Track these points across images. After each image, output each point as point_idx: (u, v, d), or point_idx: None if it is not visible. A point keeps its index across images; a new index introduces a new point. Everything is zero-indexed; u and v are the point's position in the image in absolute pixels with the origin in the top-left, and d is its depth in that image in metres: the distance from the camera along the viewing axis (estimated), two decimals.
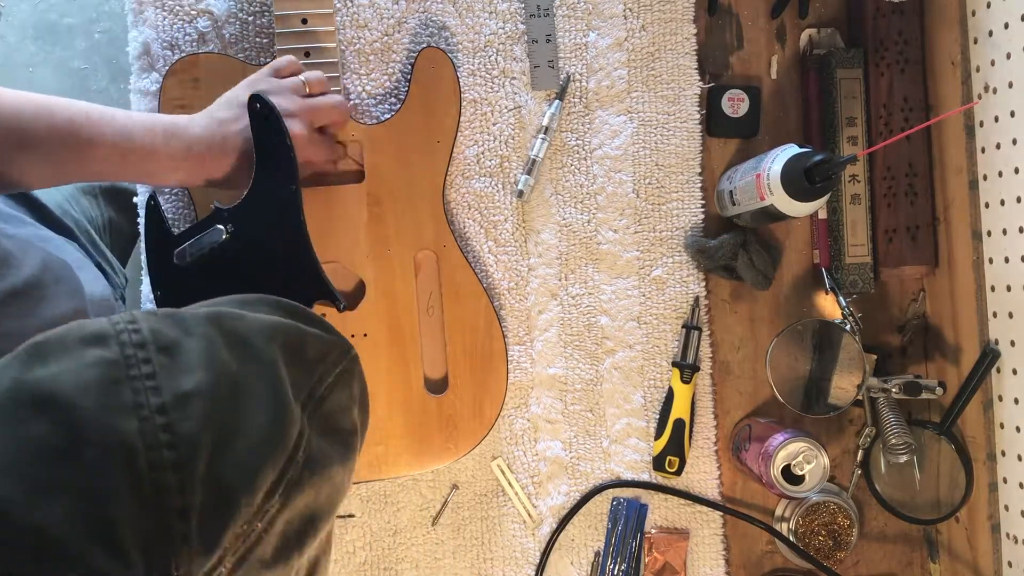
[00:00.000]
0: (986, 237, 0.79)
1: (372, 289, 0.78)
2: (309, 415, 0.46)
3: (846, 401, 0.79)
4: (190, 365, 0.40)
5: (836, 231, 0.84)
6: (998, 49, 0.76)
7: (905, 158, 0.83)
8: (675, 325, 0.84)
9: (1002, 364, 0.78)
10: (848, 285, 0.83)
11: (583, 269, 0.84)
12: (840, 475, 0.85)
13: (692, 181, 0.85)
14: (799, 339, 0.81)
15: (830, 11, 0.86)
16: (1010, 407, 0.78)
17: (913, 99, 0.83)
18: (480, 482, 0.83)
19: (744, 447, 0.81)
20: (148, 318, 0.41)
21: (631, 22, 0.85)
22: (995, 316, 0.79)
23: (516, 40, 0.84)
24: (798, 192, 0.70)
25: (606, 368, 0.84)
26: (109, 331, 0.40)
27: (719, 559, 0.84)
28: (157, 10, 0.81)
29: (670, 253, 0.84)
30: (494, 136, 0.84)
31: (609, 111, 0.84)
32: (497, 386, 0.80)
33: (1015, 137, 0.74)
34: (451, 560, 0.83)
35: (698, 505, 0.84)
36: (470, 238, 0.84)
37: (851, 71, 0.83)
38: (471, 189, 0.84)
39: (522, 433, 0.83)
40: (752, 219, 0.79)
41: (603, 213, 0.84)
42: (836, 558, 0.82)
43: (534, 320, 0.84)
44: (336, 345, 0.51)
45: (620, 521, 0.83)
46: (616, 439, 0.84)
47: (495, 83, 0.84)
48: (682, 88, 0.85)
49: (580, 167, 0.84)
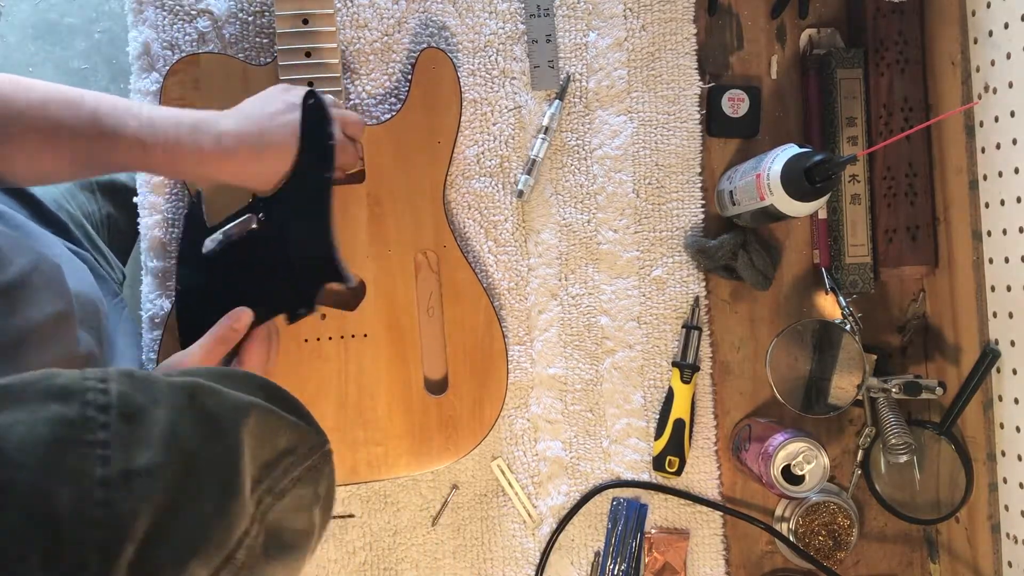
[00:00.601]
0: (986, 237, 0.79)
1: (372, 289, 0.78)
2: (264, 510, 0.43)
3: (846, 401, 0.79)
4: (149, 439, 0.37)
5: (836, 231, 0.84)
6: (998, 49, 0.76)
7: (905, 158, 0.83)
8: (675, 325, 0.84)
9: (1002, 364, 0.78)
10: (848, 285, 0.83)
11: (583, 269, 0.84)
12: (840, 475, 0.85)
13: (692, 181, 0.85)
14: (799, 339, 0.81)
15: (830, 11, 0.86)
16: (1010, 407, 0.78)
17: (913, 99, 0.83)
18: (480, 482, 0.83)
19: (744, 447, 0.81)
20: (121, 379, 0.39)
21: (631, 22, 0.85)
22: (995, 316, 0.79)
23: (516, 40, 0.84)
24: (798, 192, 0.70)
25: (606, 368, 0.84)
26: (76, 387, 0.37)
27: (719, 559, 0.84)
28: (157, 10, 0.81)
29: (670, 253, 0.84)
30: (494, 136, 0.84)
31: (609, 111, 0.84)
32: (497, 386, 0.80)
33: (1015, 137, 0.74)
34: (451, 560, 0.83)
35: (698, 505, 0.84)
36: (470, 238, 0.84)
37: (851, 71, 0.83)
38: (471, 189, 0.84)
39: (522, 433, 0.83)
40: (752, 219, 0.79)
41: (603, 213, 0.84)
42: (836, 558, 0.82)
43: (534, 320, 0.84)
44: (310, 438, 0.48)
45: (620, 521, 0.83)
46: (616, 439, 0.84)
47: (495, 83, 0.84)
48: (682, 88, 0.85)
49: (580, 167, 0.84)
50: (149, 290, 0.81)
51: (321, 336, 0.78)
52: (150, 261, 0.81)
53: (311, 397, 0.77)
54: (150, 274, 0.81)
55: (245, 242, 0.70)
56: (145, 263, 0.81)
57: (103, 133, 0.62)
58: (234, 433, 0.41)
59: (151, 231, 0.81)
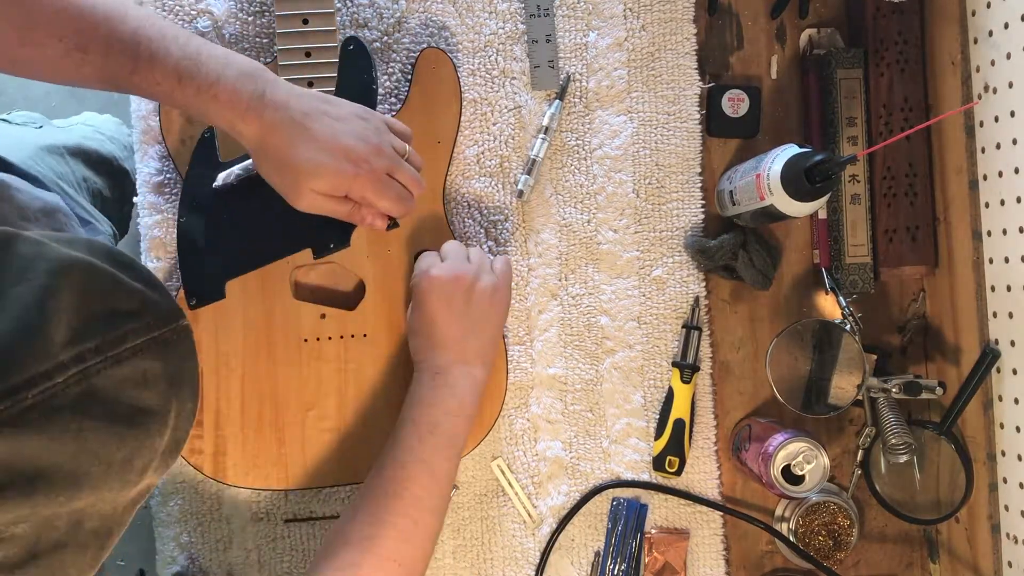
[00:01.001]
0: (986, 237, 0.79)
1: (372, 289, 0.78)
2: (90, 371, 0.42)
3: (846, 401, 0.79)
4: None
5: (836, 231, 0.84)
6: (998, 49, 0.76)
7: (905, 158, 0.83)
8: (675, 325, 0.84)
9: (1002, 364, 0.78)
10: (848, 285, 0.83)
11: (583, 269, 0.84)
12: (840, 475, 0.85)
13: (692, 181, 0.85)
14: (799, 339, 0.81)
15: (830, 11, 0.86)
16: (1010, 407, 0.78)
17: (913, 99, 0.83)
18: (480, 482, 0.83)
19: (744, 447, 0.81)
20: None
21: (631, 22, 0.85)
22: (995, 316, 0.79)
23: (516, 40, 0.84)
24: (798, 192, 0.70)
25: (606, 368, 0.84)
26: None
27: (719, 559, 0.84)
28: (157, 10, 0.81)
29: (670, 253, 0.84)
30: (494, 136, 0.84)
31: (609, 111, 0.84)
32: (497, 386, 0.80)
33: (1015, 137, 0.74)
34: (451, 560, 0.83)
35: (698, 505, 0.84)
36: (470, 238, 0.84)
37: (851, 71, 0.83)
38: (471, 189, 0.84)
39: (522, 433, 0.83)
40: (752, 219, 0.79)
41: (603, 213, 0.84)
42: (836, 558, 0.82)
43: (534, 320, 0.84)
44: (159, 308, 0.47)
45: (620, 521, 0.83)
46: (616, 439, 0.84)
47: (495, 83, 0.84)
48: (682, 88, 0.85)
49: (580, 167, 0.84)
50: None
51: (321, 336, 0.78)
52: (150, 261, 0.81)
53: (311, 397, 0.77)
54: None
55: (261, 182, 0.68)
56: (145, 263, 0.81)
57: (139, 56, 0.60)
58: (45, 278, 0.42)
59: (151, 231, 0.81)
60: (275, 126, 0.64)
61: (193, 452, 0.76)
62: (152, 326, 0.46)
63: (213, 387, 0.76)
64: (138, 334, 0.45)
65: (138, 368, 0.45)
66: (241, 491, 0.81)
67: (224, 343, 0.76)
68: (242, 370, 0.77)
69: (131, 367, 0.44)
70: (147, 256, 0.81)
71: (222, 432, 0.76)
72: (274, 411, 0.77)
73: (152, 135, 0.80)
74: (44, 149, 0.93)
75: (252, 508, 0.81)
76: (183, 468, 0.80)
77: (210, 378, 0.76)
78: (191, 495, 0.81)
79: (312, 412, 0.77)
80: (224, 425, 0.76)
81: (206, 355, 0.76)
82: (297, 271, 0.78)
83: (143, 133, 0.81)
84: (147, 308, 0.46)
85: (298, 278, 0.79)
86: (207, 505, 0.81)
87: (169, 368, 0.47)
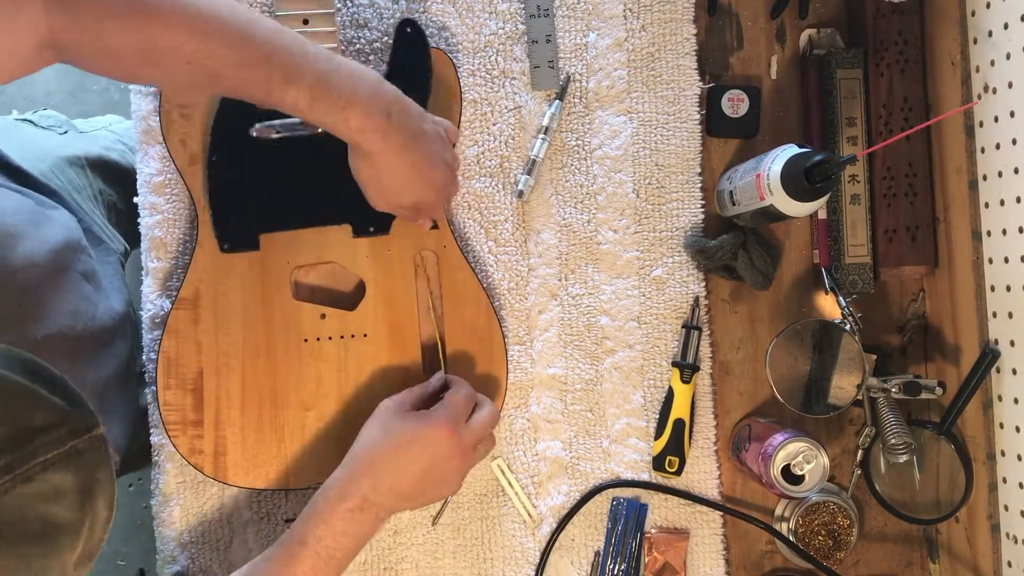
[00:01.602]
0: (986, 237, 0.79)
1: (372, 289, 0.78)
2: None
3: (846, 401, 0.79)
4: None
5: (836, 231, 0.84)
6: (998, 49, 0.76)
7: (905, 158, 0.83)
8: (675, 325, 0.84)
9: (1002, 364, 0.78)
10: (848, 285, 0.83)
11: (583, 269, 0.84)
12: (840, 475, 0.85)
13: (692, 181, 0.85)
14: (799, 339, 0.81)
15: (830, 11, 0.87)
16: (1010, 407, 0.78)
17: (913, 99, 0.83)
18: (480, 482, 0.83)
19: (744, 447, 0.82)
20: None
21: (631, 22, 0.85)
22: (995, 316, 0.79)
23: (516, 40, 0.84)
24: (798, 192, 0.70)
25: (606, 368, 0.84)
26: None
27: (719, 559, 0.84)
28: None
29: (670, 253, 0.84)
30: (494, 136, 0.84)
31: (609, 111, 0.84)
32: (497, 386, 0.80)
33: (1015, 137, 0.74)
34: (451, 560, 0.83)
35: (698, 505, 0.84)
36: (470, 238, 0.84)
37: (851, 71, 0.83)
38: (471, 189, 0.84)
39: (522, 433, 0.83)
40: (752, 219, 0.79)
41: (603, 213, 0.84)
42: (836, 558, 0.82)
43: (534, 320, 0.84)
44: (72, 421, 0.45)
45: (620, 521, 0.83)
46: (616, 439, 0.84)
47: (495, 83, 0.84)
48: (682, 88, 0.85)
49: (580, 167, 0.84)
50: (149, 290, 0.81)
51: (321, 336, 0.78)
52: (150, 261, 0.81)
53: (311, 397, 0.77)
54: (150, 274, 0.81)
55: (311, 141, 0.68)
56: (145, 263, 0.81)
57: (272, 79, 0.58)
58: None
59: (151, 231, 0.81)
60: (393, 148, 0.65)
61: (193, 452, 0.76)
62: (64, 439, 0.44)
63: (213, 387, 0.76)
64: (49, 447, 0.43)
65: (48, 483, 0.43)
66: (241, 491, 0.81)
67: (224, 343, 0.76)
68: (242, 370, 0.77)
69: (41, 483, 0.42)
70: (147, 256, 0.81)
71: (222, 432, 0.76)
72: (274, 411, 0.77)
73: (152, 135, 0.80)
74: (65, 160, 0.93)
75: (252, 508, 0.81)
76: (183, 468, 0.80)
77: (210, 378, 0.76)
78: (191, 495, 0.81)
79: (312, 412, 0.77)
80: (224, 425, 0.76)
81: (206, 355, 0.76)
82: (297, 271, 0.78)
83: (143, 133, 0.81)
84: (64, 421, 0.44)
85: (298, 278, 0.79)
86: (207, 505, 0.81)
87: (80, 479, 0.45)
